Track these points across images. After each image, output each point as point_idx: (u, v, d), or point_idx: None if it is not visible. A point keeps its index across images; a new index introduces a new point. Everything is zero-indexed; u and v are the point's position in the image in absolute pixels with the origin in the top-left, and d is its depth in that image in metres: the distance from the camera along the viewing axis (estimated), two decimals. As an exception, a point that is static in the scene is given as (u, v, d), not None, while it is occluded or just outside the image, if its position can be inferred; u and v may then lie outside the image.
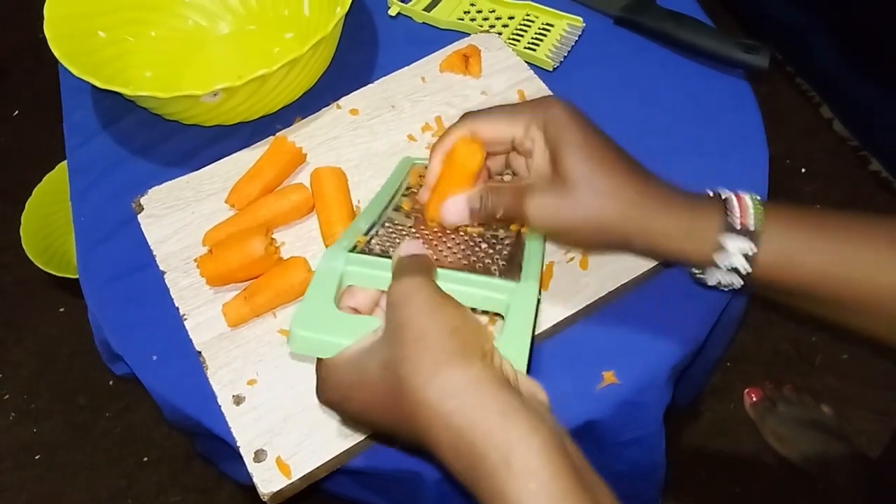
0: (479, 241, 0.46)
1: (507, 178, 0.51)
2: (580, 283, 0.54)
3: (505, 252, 0.45)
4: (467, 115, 0.46)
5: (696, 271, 0.46)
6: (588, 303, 0.54)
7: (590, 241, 0.46)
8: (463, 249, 0.45)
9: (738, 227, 0.41)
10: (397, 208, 0.50)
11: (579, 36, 0.72)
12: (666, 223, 0.42)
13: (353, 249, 0.44)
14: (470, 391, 0.32)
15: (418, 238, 0.46)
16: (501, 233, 0.47)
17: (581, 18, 0.72)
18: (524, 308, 0.40)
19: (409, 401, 0.33)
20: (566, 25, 0.72)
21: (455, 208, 0.45)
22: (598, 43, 0.72)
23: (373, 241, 0.46)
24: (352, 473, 0.52)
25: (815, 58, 1.48)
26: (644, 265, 0.55)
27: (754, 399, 1.15)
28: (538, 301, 0.41)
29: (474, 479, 0.32)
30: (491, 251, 0.46)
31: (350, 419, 0.47)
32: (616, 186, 0.42)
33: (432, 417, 0.32)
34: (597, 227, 0.42)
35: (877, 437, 1.14)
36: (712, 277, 0.44)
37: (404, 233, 0.47)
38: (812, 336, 1.25)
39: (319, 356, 0.38)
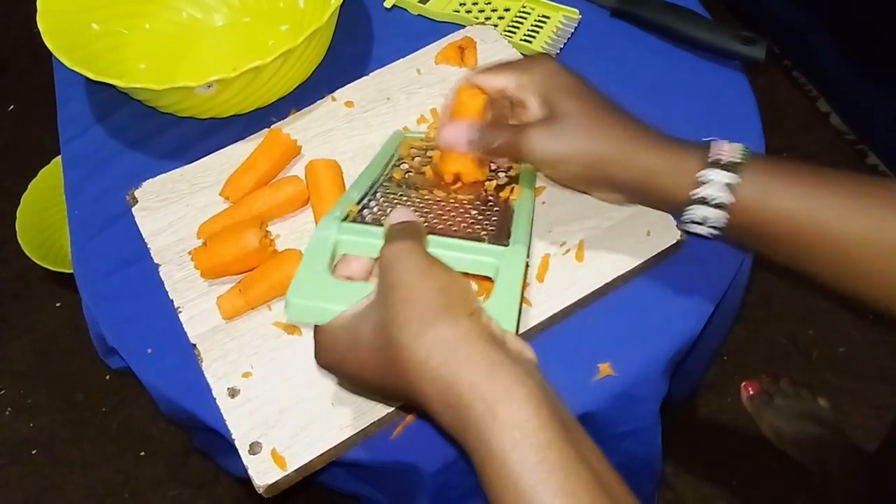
0: (469, 209, 0.48)
1: None
2: (576, 274, 0.54)
3: (494, 219, 0.47)
4: (468, 73, 0.50)
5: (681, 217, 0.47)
6: (583, 294, 0.53)
7: (580, 175, 0.48)
8: (454, 216, 0.47)
9: (723, 162, 0.44)
10: (389, 178, 0.51)
11: (575, 28, 0.71)
12: (650, 159, 0.45)
13: (345, 219, 0.44)
14: (457, 346, 0.34)
15: (410, 206, 0.48)
16: (490, 201, 0.49)
17: (577, 10, 0.72)
18: (513, 270, 0.41)
19: (400, 357, 0.34)
20: (562, 17, 0.72)
21: (453, 131, 0.48)
22: (595, 35, 0.72)
23: (365, 210, 0.47)
24: (347, 466, 0.52)
25: (812, 52, 1.48)
26: (640, 257, 0.54)
27: (751, 392, 1.15)
28: (527, 264, 0.42)
29: (461, 430, 0.33)
30: (480, 217, 0.47)
31: (346, 380, 0.48)
32: (605, 125, 0.46)
33: (421, 372, 0.34)
34: (587, 159, 0.46)
35: (873, 430, 1.14)
36: (696, 213, 0.45)
37: (396, 201, 0.48)
38: (809, 330, 1.25)
39: (316, 323, 0.39)
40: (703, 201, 0.44)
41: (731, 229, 0.45)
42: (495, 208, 0.48)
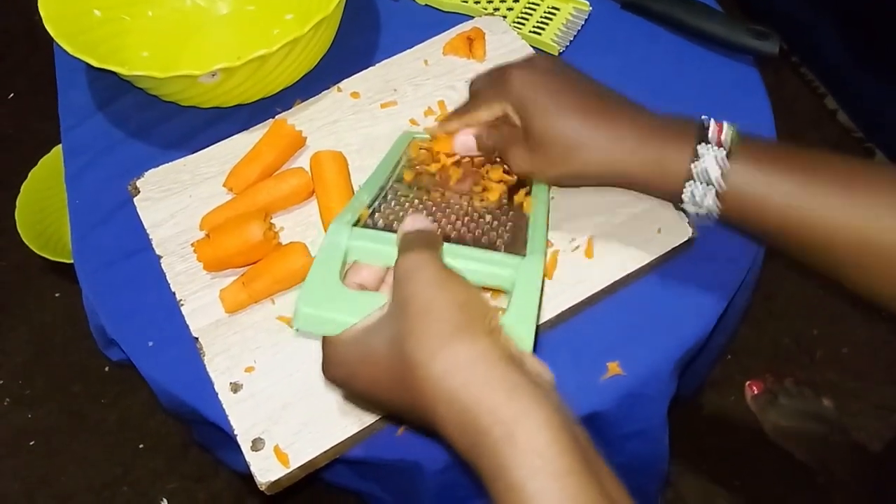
0: (484, 213, 0.47)
1: None
2: (585, 272, 0.53)
3: (510, 224, 0.46)
4: (454, 115, 0.52)
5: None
6: (593, 292, 0.52)
7: (568, 185, 0.52)
8: (468, 221, 0.46)
9: (715, 144, 0.43)
10: (399, 180, 0.50)
11: (585, 20, 0.70)
12: (636, 163, 0.45)
13: (356, 223, 0.43)
14: (475, 367, 0.32)
15: (422, 211, 0.46)
16: (505, 206, 0.48)
17: (587, 2, 0.71)
18: (530, 283, 0.39)
19: (414, 376, 0.33)
20: (572, 9, 0.71)
21: (463, 138, 0.51)
22: (605, 27, 0.71)
23: (376, 214, 0.45)
24: (351, 463, 0.52)
25: (820, 49, 1.47)
26: (650, 254, 0.54)
27: (755, 392, 1.14)
28: (543, 276, 0.41)
29: (478, 456, 0.31)
30: (495, 223, 0.46)
31: (356, 397, 0.47)
32: (584, 137, 0.46)
33: (437, 393, 0.32)
34: (572, 176, 0.47)
35: (877, 430, 1.13)
36: (689, 205, 0.45)
37: (407, 205, 0.47)
38: (813, 330, 1.25)
39: (325, 334, 0.38)
40: (693, 197, 0.44)
41: (723, 218, 0.44)
42: (510, 213, 0.47)
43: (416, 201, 0.47)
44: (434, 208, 0.47)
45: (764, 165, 0.42)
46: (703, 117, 0.45)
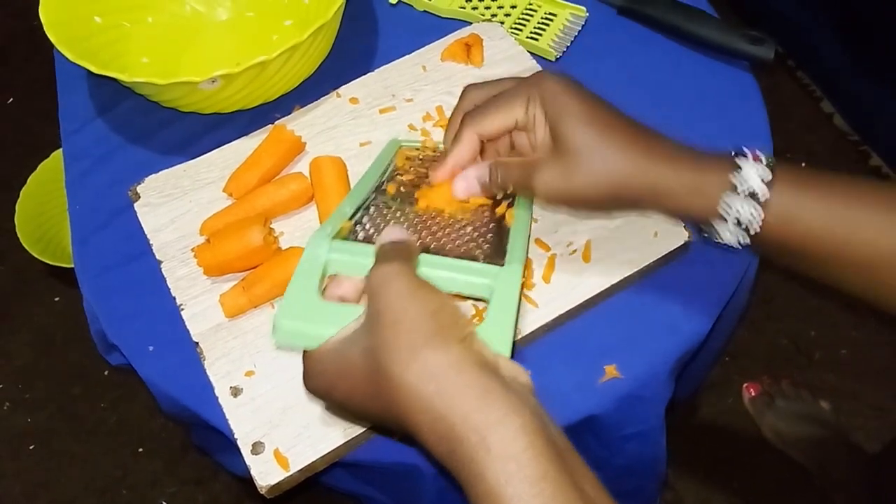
0: (465, 225, 0.46)
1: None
2: (582, 275, 0.54)
3: (490, 236, 0.46)
4: (468, 119, 0.47)
5: (704, 231, 0.45)
6: (590, 296, 0.53)
7: (599, 207, 0.47)
8: (448, 233, 0.46)
9: (747, 186, 0.41)
10: (383, 192, 0.50)
11: (582, 26, 0.71)
12: (672, 182, 0.43)
13: (338, 234, 0.43)
14: (448, 374, 0.32)
15: (402, 223, 0.46)
16: (487, 217, 0.47)
17: (584, 8, 0.71)
18: (508, 292, 0.40)
19: (390, 386, 0.33)
20: (569, 15, 0.71)
21: (465, 183, 0.46)
22: (602, 33, 0.71)
23: (357, 226, 0.45)
24: (350, 467, 0.52)
25: (816, 53, 1.47)
26: (647, 258, 0.54)
27: (753, 394, 1.15)
28: (521, 285, 0.41)
29: (455, 462, 0.32)
30: (476, 235, 0.46)
31: (336, 407, 0.47)
32: (619, 151, 0.43)
33: (412, 401, 0.32)
34: (604, 193, 0.43)
35: (874, 432, 1.14)
36: (722, 231, 0.43)
37: (389, 217, 0.47)
38: (811, 332, 1.25)
39: (304, 347, 0.38)
40: (726, 221, 0.42)
41: (756, 244, 0.43)
42: (491, 225, 0.47)
43: (399, 213, 0.47)
44: (416, 220, 0.47)
45: (804, 184, 0.41)
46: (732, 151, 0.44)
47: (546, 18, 0.71)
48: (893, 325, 1.24)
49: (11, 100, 1.67)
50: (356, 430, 0.49)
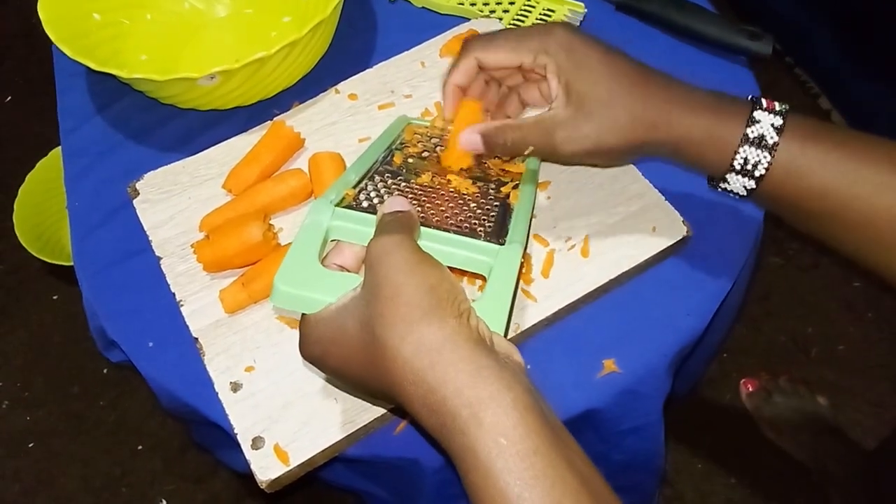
0: (469, 201, 0.46)
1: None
2: (581, 270, 0.54)
3: (493, 214, 0.46)
4: (471, 43, 0.46)
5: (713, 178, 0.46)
6: (589, 290, 0.53)
7: (620, 158, 0.47)
8: (452, 208, 0.45)
9: (760, 134, 0.42)
10: (390, 162, 0.50)
11: (580, 22, 0.71)
12: (693, 132, 0.43)
13: (341, 202, 0.43)
14: (443, 349, 0.32)
15: (405, 194, 0.46)
16: (491, 196, 0.48)
17: (583, 4, 0.71)
18: (506, 271, 0.40)
19: (385, 357, 0.33)
20: (567, 11, 0.72)
21: (469, 136, 0.46)
22: (600, 29, 0.71)
23: (361, 194, 0.45)
24: (350, 461, 0.52)
25: (814, 49, 1.47)
26: (645, 253, 0.54)
27: (750, 389, 1.15)
28: (521, 265, 0.41)
29: (446, 436, 0.32)
30: (479, 212, 0.46)
31: (330, 374, 0.47)
32: (641, 100, 0.43)
33: (406, 374, 0.33)
34: (629, 144, 0.43)
35: (872, 428, 1.14)
36: (732, 181, 0.44)
37: (394, 187, 0.47)
38: (808, 328, 1.25)
39: (301, 311, 0.38)
40: (744, 162, 0.43)
41: (760, 194, 0.44)
42: (495, 203, 0.47)
43: (404, 184, 0.47)
44: (420, 193, 0.47)
45: (812, 136, 0.42)
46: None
47: (544, 14, 0.71)
48: (891, 322, 1.24)
49: (9, 98, 1.67)
50: (356, 425, 0.49)
